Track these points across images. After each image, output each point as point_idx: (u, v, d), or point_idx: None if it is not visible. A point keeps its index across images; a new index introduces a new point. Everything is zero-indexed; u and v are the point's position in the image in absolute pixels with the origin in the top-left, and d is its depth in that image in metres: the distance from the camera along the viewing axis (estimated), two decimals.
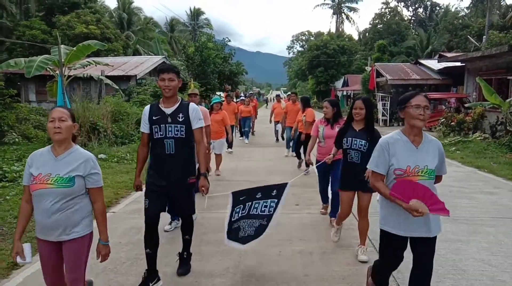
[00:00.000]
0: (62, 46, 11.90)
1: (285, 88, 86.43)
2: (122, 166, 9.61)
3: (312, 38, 76.33)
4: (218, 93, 28.48)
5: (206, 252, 4.50)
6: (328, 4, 70.56)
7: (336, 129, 4.81)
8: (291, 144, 10.93)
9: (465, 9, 49.85)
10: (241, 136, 15.26)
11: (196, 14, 60.18)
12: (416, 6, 60.77)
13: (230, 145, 11.44)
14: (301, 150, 9.14)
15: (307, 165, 7.97)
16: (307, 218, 5.76)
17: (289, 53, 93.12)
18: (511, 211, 6.11)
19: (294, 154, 9.97)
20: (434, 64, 23.69)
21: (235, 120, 12.48)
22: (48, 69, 12.22)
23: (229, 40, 30.47)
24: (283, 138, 13.36)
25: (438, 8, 59.29)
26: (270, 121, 14.62)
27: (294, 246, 4.64)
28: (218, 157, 8.85)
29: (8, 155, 10.24)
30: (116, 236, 4.88)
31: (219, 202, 6.56)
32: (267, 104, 56.06)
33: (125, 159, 10.36)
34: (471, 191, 7.37)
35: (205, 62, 24.96)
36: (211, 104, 8.62)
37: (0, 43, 29.36)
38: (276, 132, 14.72)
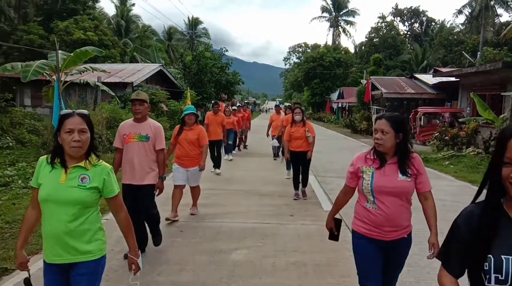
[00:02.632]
0: (60, 51, 11.89)
1: (281, 99, 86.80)
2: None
3: (308, 50, 76.95)
4: (213, 101, 28.54)
5: (200, 261, 4.47)
6: (325, 17, 71.23)
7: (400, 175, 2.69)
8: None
9: (460, 25, 50.55)
10: (226, 152, 12.56)
11: (194, 23, 60.44)
12: (412, 21, 61.50)
13: (217, 164, 10.22)
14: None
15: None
16: (301, 229, 5.75)
17: (285, 64, 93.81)
18: None
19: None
20: (429, 78, 23.94)
21: (221, 133, 10.44)
22: (44, 74, 12.19)
23: (227, 50, 30.65)
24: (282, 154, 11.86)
25: (433, 23, 60.04)
26: (268, 135, 13.00)
27: (288, 257, 4.63)
28: (194, 190, 6.35)
29: (1, 160, 10.18)
30: (109, 244, 4.82)
31: (212, 212, 6.56)
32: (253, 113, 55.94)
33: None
34: (464, 206, 7.38)
35: (202, 71, 25.03)
36: (182, 116, 6.22)
37: None
38: (274, 148, 12.75)
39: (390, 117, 2.76)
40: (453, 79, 20.08)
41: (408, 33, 61.74)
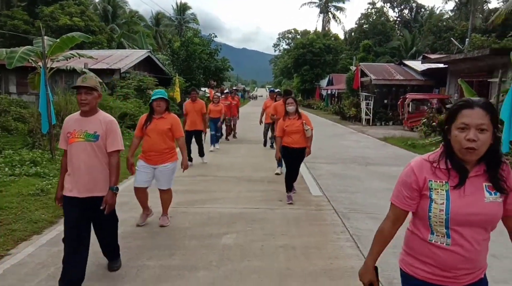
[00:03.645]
0: (46, 37, 11.68)
1: (270, 85, 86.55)
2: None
3: (298, 36, 76.65)
4: (203, 89, 28.39)
5: (190, 246, 4.51)
6: (315, 2, 70.93)
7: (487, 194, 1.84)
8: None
9: (449, 12, 50.67)
10: (211, 143, 11.86)
11: (182, 8, 59.64)
12: (402, 7, 61.50)
13: (200, 153, 9.73)
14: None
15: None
16: (290, 213, 5.81)
17: (275, 51, 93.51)
18: None
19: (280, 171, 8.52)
20: (417, 65, 24.06)
21: (203, 124, 9.69)
22: (30, 61, 12.00)
23: (215, 36, 30.32)
24: (271, 146, 11.96)
25: (423, 10, 60.13)
26: (261, 122, 12.27)
27: (277, 241, 4.69)
28: (165, 194, 5.21)
29: None
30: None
31: (202, 198, 6.60)
32: (244, 100, 55.92)
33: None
34: None
35: (191, 58, 24.82)
36: (149, 102, 5.09)
37: None
38: (266, 134, 12.48)
39: (487, 105, 1.77)
40: (441, 65, 20.23)
41: (398, 19, 61.78)
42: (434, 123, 15.90)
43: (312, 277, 3.80)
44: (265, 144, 12.60)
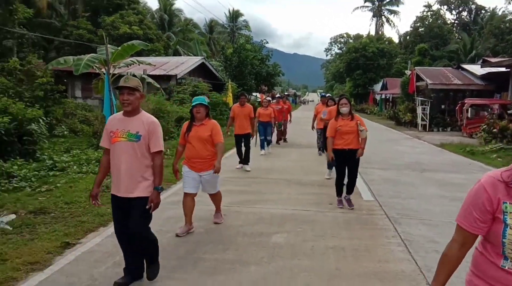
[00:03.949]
0: (108, 45, 12.48)
1: (321, 90, 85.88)
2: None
3: (350, 41, 75.60)
4: (254, 93, 28.82)
5: (242, 243, 4.71)
6: (368, 6, 69.68)
7: None
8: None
9: None
10: (262, 147, 11.88)
11: (235, 16, 60.88)
12: (460, 9, 58.84)
13: (246, 160, 9.47)
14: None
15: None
16: (340, 217, 5.85)
17: (326, 55, 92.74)
18: None
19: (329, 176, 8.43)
20: (477, 69, 22.97)
21: (250, 128, 9.51)
22: (94, 67, 12.86)
23: (267, 42, 30.80)
24: (321, 150, 11.40)
25: (483, 11, 57.19)
26: (313, 128, 11.79)
27: (327, 242, 4.77)
28: (214, 197, 5.43)
29: (57, 147, 10.91)
30: (158, 224, 5.17)
31: (254, 198, 6.79)
32: (296, 104, 56.02)
33: (165, 154, 10.77)
34: None
35: (243, 64, 25.33)
36: (190, 109, 5.10)
37: (50, 42, 30.88)
38: (320, 142, 11.58)
39: None
40: (503, 69, 19.20)
41: (456, 22, 59.18)
42: (495, 130, 15.15)
43: (362, 278, 3.85)
44: (320, 150, 11.81)
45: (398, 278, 3.86)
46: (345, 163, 6.26)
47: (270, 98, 13.50)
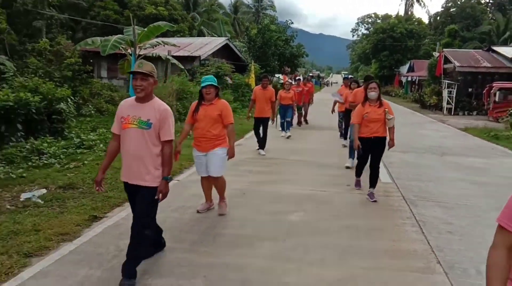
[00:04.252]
0: (133, 26, 12.73)
1: (346, 71, 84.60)
2: (185, 140, 10.28)
3: (378, 21, 73.84)
4: (277, 75, 28.75)
5: (260, 220, 4.91)
6: None
7: None
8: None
9: None
10: (282, 129, 11.92)
11: None
12: None
13: (262, 144, 9.28)
14: None
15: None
16: (357, 197, 5.99)
17: (353, 36, 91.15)
18: None
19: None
20: (509, 51, 22.28)
21: (271, 112, 9.32)
22: (121, 48, 13.16)
23: (292, 22, 30.35)
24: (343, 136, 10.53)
25: None
26: (333, 112, 11.65)
27: (342, 221, 4.93)
28: (216, 182, 5.07)
29: (84, 126, 11.32)
30: (181, 201, 5.43)
31: (273, 179, 6.98)
32: (321, 88, 55.57)
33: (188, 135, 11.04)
34: None
35: (267, 45, 25.23)
36: (200, 89, 4.94)
37: (77, 23, 31.43)
38: (341, 126, 11.09)
39: None
40: None
41: (491, 1, 56.88)
42: None
43: (373, 254, 4.01)
44: (342, 136, 10.97)
45: (409, 257, 3.99)
46: (369, 151, 5.89)
47: (291, 81, 13.36)
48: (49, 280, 3.37)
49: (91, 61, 21.80)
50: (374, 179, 5.90)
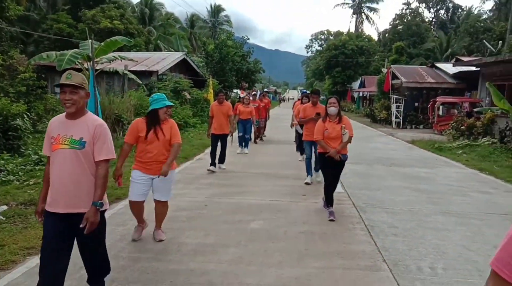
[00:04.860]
0: (90, 40, 12.73)
1: (302, 87, 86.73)
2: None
3: (331, 38, 76.52)
4: (235, 90, 29.22)
5: (222, 229, 5.19)
6: (348, 3, 70.84)
7: None
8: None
9: (488, 12, 49.50)
10: (240, 145, 11.83)
11: (216, 10, 60.99)
12: (438, 7, 60.46)
13: (221, 158, 9.21)
14: None
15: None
16: (312, 206, 6.40)
17: (307, 52, 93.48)
18: (501, 209, 6.61)
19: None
20: (449, 68, 23.95)
21: (229, 126, 9.32)
22: (77, 63, 13.08)
23: (248, 38, 31.10)
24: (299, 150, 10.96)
25: (460, 10, 58.88)
26: (292, 126, 11.04)
27: (299, 228, 5.30)
28: (162, 207, 4.79)
29: (41, 143, 11.12)
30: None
31: (233, 191, 7.28)
32: (280, 103, 56.84)
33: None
34: (468, 190, 7.89)
35: (224, 60, 25.67)
36: (154, 108, 4.53)
37: (28, 36, 30.57)
38: (297, 137, 11.33)
39: None
40: (473, 68, 20.14)
41: (434, 20, 60.76)
42: (463, 127, 16.01)
43: (327, 256, 4.40)
44: (298, 150, 11.23)
45: (358, 256, 4.41)
46: (332, 170, 5.85)
47: (249, 96, 12.97)
48: None
49: (43, 75, 21.32)
50: (332, 191, 5.90)
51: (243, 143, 11.85)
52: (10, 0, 17.21)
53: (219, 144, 9.11)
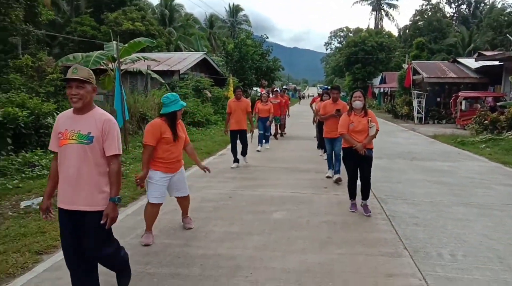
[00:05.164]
0: (114, 42, 13.12)
1: (321, 84, 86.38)
2: None
3: (350, 35, 76.03)
4: (255, 88, 29.44)
5: (246, 219, 5.39)
6: (367, 0, 70.07)
7: None
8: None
9: None
10: (259, 143, 11.70)
11: (235, 10, 61.37)
12: (459, 2, 59.31)
13: (243, 152, 9.30)
14: None
15: None
16: (334, 198, 6.54)
17: (326, 49, 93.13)
18: None
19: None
20: (472, 63, 23.58)
21: (247, 123, 9.27)
22: (102, 63, 13.50)
23: (267, 37, 31.25)
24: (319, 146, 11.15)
25: (482, 4, 57.61)
26: (314, 122, 11.07)
27: (321, 218, 5.45)
28: (185, 200, 4.99)
29: None
30: (172, 204, 5.83)
31: (256, 184, 7.47)
32: (299, 101, 56.68)
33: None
34: (491, 183, 7.87)
35: (244, 59, 25.90)
36: (172, 109, 4.52)
37: (53, 38, 31.47)
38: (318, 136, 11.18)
39: None
40: (497, 63, 19.81)
41: (455, 15, 59.64)
42: (486, 121, 15.80)
43: (349, 244, 4.54)
44: (318, 146, 11.28)
45: (379, 244, 4.54)
46: (357, 164, 5.76)
47: (267, 94, 12.96)
48: (62, 272, 3.73)
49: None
50: (366, 191, 5.77)
51: (263, 140, 11.87)
52: (42, 6, 17.87)
53: (238, 141, 9.13)
